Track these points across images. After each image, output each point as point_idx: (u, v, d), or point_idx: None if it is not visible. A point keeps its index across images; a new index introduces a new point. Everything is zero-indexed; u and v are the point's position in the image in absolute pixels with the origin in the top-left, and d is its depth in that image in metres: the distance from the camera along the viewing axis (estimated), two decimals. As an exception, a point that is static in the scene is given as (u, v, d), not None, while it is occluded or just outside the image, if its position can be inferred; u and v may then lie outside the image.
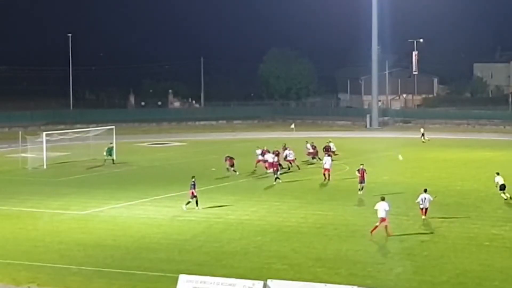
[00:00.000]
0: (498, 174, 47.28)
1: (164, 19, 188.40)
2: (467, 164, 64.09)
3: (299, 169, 59.65)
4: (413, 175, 57.34)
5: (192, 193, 43.31)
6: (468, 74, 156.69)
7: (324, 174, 53.71)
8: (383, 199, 37.60)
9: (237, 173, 56.76)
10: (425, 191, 40.80)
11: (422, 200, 40.37)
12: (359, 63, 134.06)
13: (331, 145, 65.76)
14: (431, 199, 40.46)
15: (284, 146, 63.20)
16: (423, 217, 40.22)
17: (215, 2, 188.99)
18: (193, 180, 43.59)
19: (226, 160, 58.22)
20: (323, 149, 63.63)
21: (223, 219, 41.03)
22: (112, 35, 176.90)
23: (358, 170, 49.64)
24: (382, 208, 36.97)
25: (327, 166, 53.67)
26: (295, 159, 60.94)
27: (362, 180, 49.32)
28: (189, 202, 43.22)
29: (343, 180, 54.34)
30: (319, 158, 61.97)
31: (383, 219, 36.83)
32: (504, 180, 46.01)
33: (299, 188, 51.86)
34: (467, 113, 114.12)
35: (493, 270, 30.93)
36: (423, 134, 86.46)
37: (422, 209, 40.47)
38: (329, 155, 57.57)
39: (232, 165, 57.76)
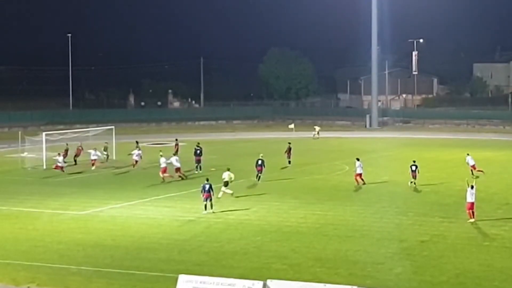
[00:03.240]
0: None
1: (164, 19, 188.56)
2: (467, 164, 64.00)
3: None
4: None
5: (207, 195, 42.43)
6: (467, 74, 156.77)
7: (356, 179, 52.55)
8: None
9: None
10: (472, 187, 40.08)
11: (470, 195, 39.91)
12: (358, 63, 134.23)
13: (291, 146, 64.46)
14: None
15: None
16: (471, 220, 39.63)
17: (215, 2, 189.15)
18: (208, 182, 43.01)
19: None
20: (284, 152, 63.06)
21: (222, 219, 41.00)
22: (112, 35, 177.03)
23: (411, 167, 51.72)
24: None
25: (359, 171, 52.45)
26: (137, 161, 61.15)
27: (414, 176, 51.49)
28: (211, 205, 42.58)
29: (343, 180, 54.27)
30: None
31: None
32: None
33: (299, 188, 51.82)
34: (466, 113, 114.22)
35: (493, 270, 30.90)
36: (317, 132, 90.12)
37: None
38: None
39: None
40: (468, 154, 57.75)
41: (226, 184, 47.11)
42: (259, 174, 53.90)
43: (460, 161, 63.20)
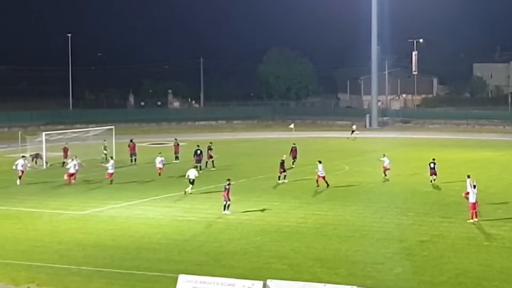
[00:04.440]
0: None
1: (164, 19, 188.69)
2: (467, 164, 64.05)
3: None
4: (413, 175, 57.35)
5: (226, 195, 42.12)
6: (467, 74, 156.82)
7: (317, 181, 51.23)
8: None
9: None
10: (474, 187, 40.06)
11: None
12: (358, 63, 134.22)
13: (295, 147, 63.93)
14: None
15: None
16: (472, 220, 39.58)
17: (215, 2, 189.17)
18: (228, 183, 42.66)
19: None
20: (290, 152, 62.32)
21: (222, 219, 41.01)
22: (112, 35, 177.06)
23: (429, 164, 53.03)
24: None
25: (321, 174, 51.05)
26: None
27: (434, 173, 52.49)
28: (228, 205, 42.18)
29: (343, 180, 54.25)
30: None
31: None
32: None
33: (299, 188, 51.80)
34: (466, 113, 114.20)
35: (492, 270, 30.90)
36: (353, 131, 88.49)
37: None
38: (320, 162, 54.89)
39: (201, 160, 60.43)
40: (384, 155, 56.72)
41: (192, 182, 48.35)
42: (280, 174, 53.58)
43: (460, 161, 63.37)
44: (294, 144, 64.38)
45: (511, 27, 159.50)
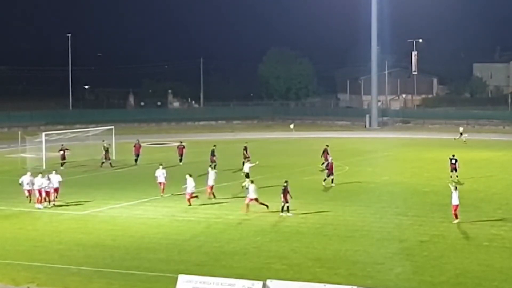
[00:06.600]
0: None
1: (164, 19, 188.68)
2: (467, 164, 64.00)
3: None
4: (413, 175, 57.33)
5: (284, 197, 41.80)
6: (467, 74, 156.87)
7: (211, 193, 46.68)
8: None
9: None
10: (456, 189, 40.23)
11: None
12: (358, 63, 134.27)
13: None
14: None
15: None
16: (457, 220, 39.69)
17: (215, 2, 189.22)
18: (285, 184, 42.32)
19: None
20: (321, 154, 61.86)
21: (222, 219, 41.01)
22: (112, 35, 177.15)
23: (450, 160, 54.56)
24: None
25: (211, 182, 46.64)
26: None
27: (454, 169, 53.87)
28: (287, 207, 41.84)
29: (343, 180, 54.21)
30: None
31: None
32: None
33: (299, 188, 51.70)
34: (466, 113, 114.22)
35: (492, 270, 30.91)
36: (461, 133, 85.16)
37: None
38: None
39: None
40: (251, 182, 48.54)
41: (247, 175, 49.95)
42: (328, 178, 52.54)
43: (460, 161, 63.13)
44: (327, 145, 62.89)
45: (511, 27, 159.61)
